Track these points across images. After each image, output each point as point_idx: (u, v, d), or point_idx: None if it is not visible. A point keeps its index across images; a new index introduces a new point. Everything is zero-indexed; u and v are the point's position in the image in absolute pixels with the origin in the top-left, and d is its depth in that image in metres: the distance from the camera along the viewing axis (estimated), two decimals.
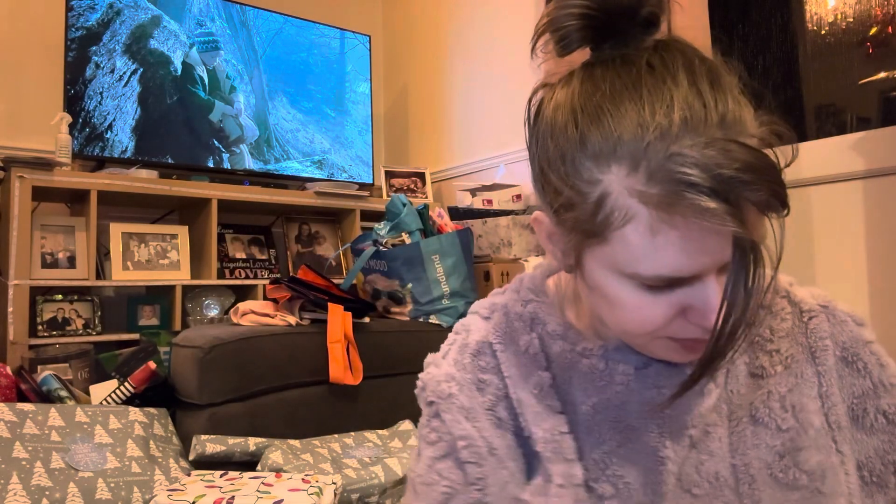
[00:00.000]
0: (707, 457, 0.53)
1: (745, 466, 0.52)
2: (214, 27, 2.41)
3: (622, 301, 0.48)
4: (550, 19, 0.49)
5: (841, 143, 1.44)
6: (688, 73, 0.44)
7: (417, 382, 0.62)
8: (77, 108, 2.08)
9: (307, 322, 1.46)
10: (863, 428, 0.54)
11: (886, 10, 1.49)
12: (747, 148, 0.41)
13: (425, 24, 2.88)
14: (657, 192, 0.42)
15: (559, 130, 0.47)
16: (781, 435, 0.53)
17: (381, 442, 1.36)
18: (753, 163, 0.41)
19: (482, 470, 0.55)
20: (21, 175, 1.83)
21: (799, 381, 0.54)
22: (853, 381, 0.54)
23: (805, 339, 0.56)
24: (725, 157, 0.40)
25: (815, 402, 0.54)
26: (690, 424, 0.53)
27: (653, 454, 0.52)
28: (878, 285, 1.38)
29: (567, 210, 0.48)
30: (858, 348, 0.55)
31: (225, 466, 1.18)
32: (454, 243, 1.78)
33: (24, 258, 1.84)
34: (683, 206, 0.41)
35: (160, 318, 2.17)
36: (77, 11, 2.10)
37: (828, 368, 0.54)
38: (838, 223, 1.45)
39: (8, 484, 0.98)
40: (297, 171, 2.57)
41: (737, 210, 0.40)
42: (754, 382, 0.55)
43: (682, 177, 0.41)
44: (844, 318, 0.57)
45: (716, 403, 0.53)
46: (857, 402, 0.54)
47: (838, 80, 1.61)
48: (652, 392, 0.53)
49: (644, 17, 0.48)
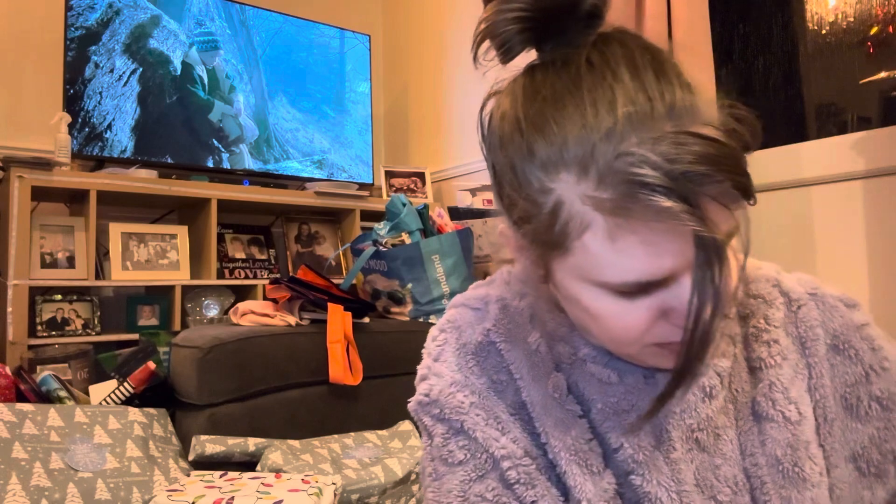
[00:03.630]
0: (721, 461, 0.50)
1: (754, 468, 0.50)
2: (214, 27, 2.40)
3: (599, 311, 0.45)
4: (487, 26, 0.46)
5: (841, 143, 1.44)
6: (629, 66, 0.42)
7: (419, 398, 0.55)
8: (76, 107, 2.07)
9: (307, 322, 1.46)
10: (857, 416, 0.52)
11: (887, 10, 1.49)
12: (701, 138, 0.38)
13: (425, 24, 2.88)
14: (610, 197, 0.40)
15: (507, 141, 0.45)
16: (790, 427, 0.50)
17: (380, 442, 1.36)
18: (709, 153, 0.37)
19: (535, 492, 0.49)
20: (20, 175, 1.83)
21: (795, 373, 0.53)
22: (845, 369, 0.53)
23: (795, 330, 0.54)
24: (677, 150, 0.37)
25: (808, 394, 0.53)
26: (697, 427, 0.50)
27: (665, 458, 0.50)
28: (878, 285, 1.38)
29: (525, 222, 0.46)
30: (850, 334, 0.54)
31: (224, 467, 1.18)
32: (454, 243, 1.77)
33: (24, 258, 1.84)
34: (638, 208, 0.38)
35: (159, 319, 2.17)
36: (76, 11, 2.10)
37: (818, 359, 0.53)
38: (838, 223, 1.45)
39: (7, 484, 0.98)
40: (297, 171, 2.56)
41: (695, 207, 0.37)
42: (754, 376, 0.53)
43: (633, 177, 0.38)
44: (835, 303, 0.55)
45: (724, 405, 0.51)
46: (850, 390, 0.53)
47: (839, 80, 1.60)
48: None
49: (586, 11, 0.45)
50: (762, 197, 1.59)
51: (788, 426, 0.50)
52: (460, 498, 0.51)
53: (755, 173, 0.41)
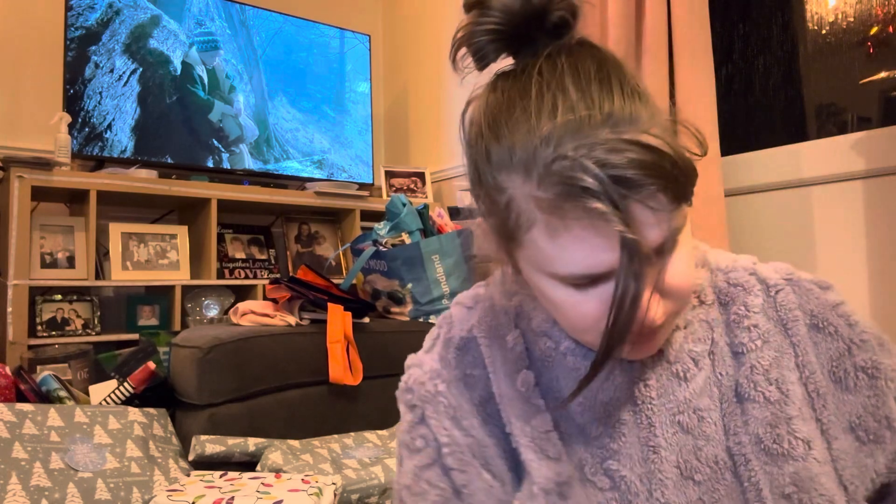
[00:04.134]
0: (704, 442, 0.54)
1: (738, 446, 0.53)
2: (214, 27, 2.40)
3: (557, 301, 0.49)
4: (463, 35, 0.51)
5: (841, 143, 1.44)
6: (574, 76, 0.46)
7: (400, 384, 0.61)
8: (76, 107, 2.07)
9: (307, 322, 1.46)
10: (847, 389, 0.54)
11: (887, 10, 1.49)
12: (635, 145, 0.41)
13: (425, 24, 2.88)
14: (548, 197, 0.44)
15: (473, 144, 0.51)
16: (770, 406, 0.53)
17: (380, 442, 1.36)
18: (641, 160, 0.41)
19: (465, 476, 0.56)
20: (20, 175, 1.83)
21: (778, 354, 0.55)
22: (828, 345, 0.55)
23: (776, 314, 0.57)
24: (610, 156, 0.41)
25: (794, 372, 0.55)
26: (677, 410, 0.54)
27: (644, 444, 0.54)
28: (878, 285, 1.38)
29: (489, 216, 0.51)
30: (826, 313, 0.56)
31: (224, 467, 1.18)
32: (454, 243, 1.77)
33: (24, 258, 1.84)
34: (571, 207, 0.43)
35: (159, 319, 2.17)
36: (76, 11, 2.10)
37: (801, 338, 0.55)
38: (838, 223, 1.45)
39: (7, 484, 0.98)
40: (297, 171, 2.56)
41: (621, 210, 0.41)
42: (737, 360, 0.56)
43: (567, 180, 0.42)
44: (809, 286, 0.58)
45: (704, 387, 0.55)
46: (836, 364, 0.55)
47: (839, 79, 1.60)
48: (639, 385, 0.55)
49: (553, 23, 0.49)
50: (762, 197, 1.59)
51: (769, 406, 0.53)
52: (414, 481, 0.57)
53: (756, 173, 0.41)
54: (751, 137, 1.74)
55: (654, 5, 1.58)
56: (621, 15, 1.62)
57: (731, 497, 0.53)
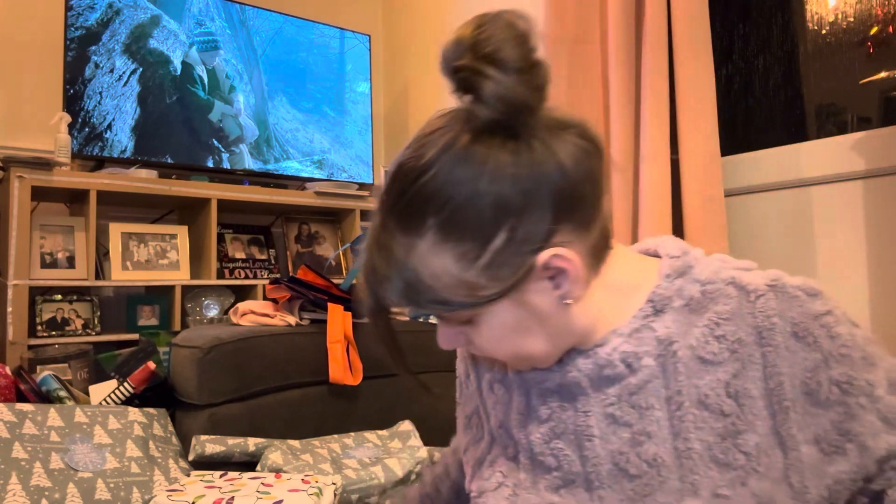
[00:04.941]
0: (645, 438, 0.57)
1: (687, 450, 0.56)
2: (214, 27, 2.40)
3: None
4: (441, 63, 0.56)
5: (841, 143, 1.44)
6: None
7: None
8: (76, 107, 2.07)
9: (307, 322, 1.46)
10: (818, 403, 0.54)
11: (887, 10, 1.49)
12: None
13: (425, 24, 2.88)
14: None
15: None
16: (723, 419, 0.55)
17: (380, 442, 1.36)
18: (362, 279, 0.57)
19: (462, 409, 0.76)
20: (20, 175, 1.83)
21: (745, 366, 0.56)
22: (805, 355, 0.55)
23: (753, 319, 0.57)
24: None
25: (759, 383, 0.55)
26: (609, 403, 0.58)
27: (582, 432, 0.59)
28: (878, 285, 1.38)
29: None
30: (808, 322, 0.55)
31: (224, 467, 1.18)
32: None
33: (24, 258, 1.84)
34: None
35: (159, 319, 2.17)
36: (76, 11, 2.10)
37: (776, 346, 0.55)
38: (838, 223, 1.45)
39: (7, 484, 0.98)
40: (297, 171, 2.56)
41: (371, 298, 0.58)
42: (704, 367, 0.57)
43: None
44: (795, 292, 0.57)
45: (644, 387, 0.58)
46: (811, 375, 0.55)
47: (838, 79, 1.60)
48: (577, 379, 0.60)
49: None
50: (762, 197, 1.59)
51: (723, 418, 0.55)
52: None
53: (756, 173, 0.42)
54: (751, 137, 1.74)
55: (654, 5, 1.58)
56: (621, 15, 1.62)
57: (665, 493, 0.55)
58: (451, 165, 0.51)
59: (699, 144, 1.54)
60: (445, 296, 0.53)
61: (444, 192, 0.51)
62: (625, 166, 1.66)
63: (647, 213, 1.59)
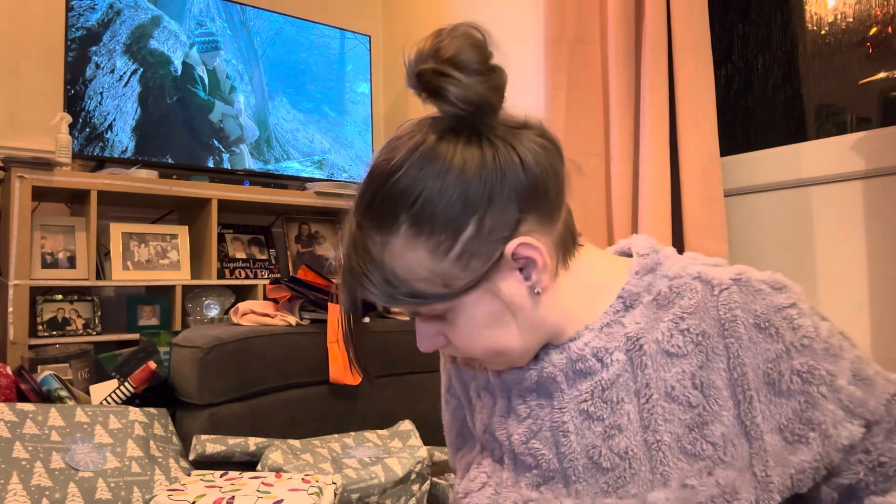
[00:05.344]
0: (616, 431, 0.59)
1: (657, 442, 0.57)
2: (214, 27, 2.41)
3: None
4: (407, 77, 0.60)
5: (841, 143, 1.44)
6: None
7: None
8: (77, 108, 2.08)
9: (307, 322, 1.46)
10: (780, 392, 0.55)
11: (886, 10, 1.50)
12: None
13: (425, 24, 2.88)
14: None
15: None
16: (691, 410, 0.57)
17: (381, 442, 1.36)
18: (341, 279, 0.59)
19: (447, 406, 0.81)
20: (21, 175, 1.83)
21: (709, 358, 0.57)
22: (767, 346, 0.56)
23: (717, 312, 0.58)
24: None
25: (724, 374, 0.57)
26: (582, 399, 0.60)
27: (558, 428, 0.61)
28: (878, 285, 1.39)
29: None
30: (771, 314, 0.57)
31: (225, 466, 1.18)
32: None
33: (24, 258, 1.84)
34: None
35: (160, 318, 2.17)
36: (77, 11, 2.10)
37: (738, 338, 0.57)
38: (838, 223, 1.45)
39: (8, 484, 0.98)
40: (297, 171, 2.56)
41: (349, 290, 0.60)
42: (670, 360, 0.59)
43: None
44: (760, 286, 0.58)
45: (615, 381, 0.60)
46: (772, 366, 0.56)
47: (838, 80, 1.61)
48: (553, 377, 0.62)
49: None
50: (762, 197, 1.59)
51: (690, 410, 0.57)
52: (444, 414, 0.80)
53: (756, 173, 0.42)
54: (750, 137, 1.74)
55: (654, 5, 1.58)
56: (621, 15, 1.62)
57: (636, 485, 0.57)
58: (419, 164, 0.54)
59: (699, 144, 1.54)
60: (421, 288, 0.56)
61: (414, 190, 0.54)
62: (625, 166, 1.66)
63: (647, 213, 1.60)
